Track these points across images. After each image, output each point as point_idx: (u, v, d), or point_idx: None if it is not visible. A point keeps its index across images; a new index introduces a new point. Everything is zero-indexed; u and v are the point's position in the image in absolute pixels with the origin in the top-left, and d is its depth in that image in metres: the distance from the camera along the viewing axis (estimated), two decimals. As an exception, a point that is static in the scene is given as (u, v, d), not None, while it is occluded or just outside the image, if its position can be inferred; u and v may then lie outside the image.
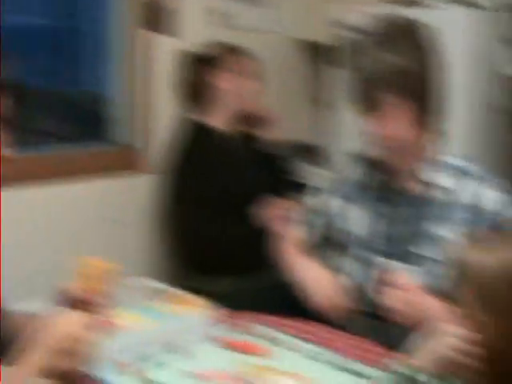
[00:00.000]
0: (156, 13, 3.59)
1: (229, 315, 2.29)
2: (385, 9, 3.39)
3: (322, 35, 4.00)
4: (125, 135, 3.61)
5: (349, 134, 3.50)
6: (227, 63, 3.42)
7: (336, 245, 2.29)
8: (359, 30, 2.19)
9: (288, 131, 3.98)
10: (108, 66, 3.64)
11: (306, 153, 3.91)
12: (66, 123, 3.79)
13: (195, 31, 3.70)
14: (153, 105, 3.61)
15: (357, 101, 2.12)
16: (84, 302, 1.70)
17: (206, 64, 3.45)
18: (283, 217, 2.53)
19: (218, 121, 3.42)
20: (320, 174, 3.49)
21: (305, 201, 2.43)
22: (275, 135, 3.60)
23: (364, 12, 3.00)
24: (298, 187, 3.41)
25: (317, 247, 2.38)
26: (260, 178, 3.47)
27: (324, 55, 4.04)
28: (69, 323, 1.59)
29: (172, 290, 2.29)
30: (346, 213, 2.30)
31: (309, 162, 3.77)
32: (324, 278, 2.24)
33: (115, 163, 3.53)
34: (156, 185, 3.49)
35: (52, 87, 3.74)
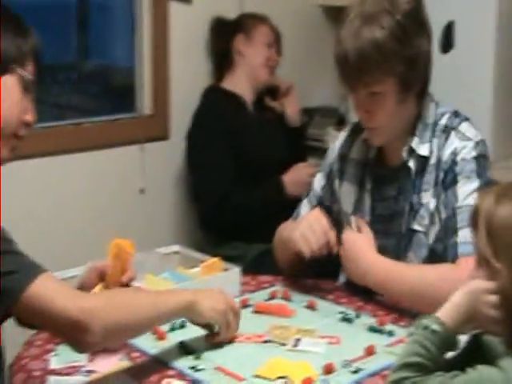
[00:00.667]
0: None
1: (259, 279, 2.32)
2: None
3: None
4: (148, 105, 3.62)
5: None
6: (252, 31, 3.46)
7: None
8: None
9: (312, 97, 4.00)
10: (130, 38, 3.65)
11: (329, 117, 3.91)
12: (91, 95, 3.83)
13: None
14: (174, 73, 3.63)
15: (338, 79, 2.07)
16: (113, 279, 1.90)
17: (232, 30, 3.50)
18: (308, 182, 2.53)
19: (240, 88, 3.47)
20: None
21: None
22: (294, 105, 3.63)
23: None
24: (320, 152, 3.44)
25: None
26: (281, 145, 3.51)
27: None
28: None
29: (203, 257, 2.31)
30: (337, 188, 2.28)
31: (332, 127, 3.76)
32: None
33: (141, 133, 3.55)
34: (182, 153, 3.52)
35: (75, 61, 3.77)
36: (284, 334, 1.91)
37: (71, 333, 1.58)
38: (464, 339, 1.59)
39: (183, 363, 1.78)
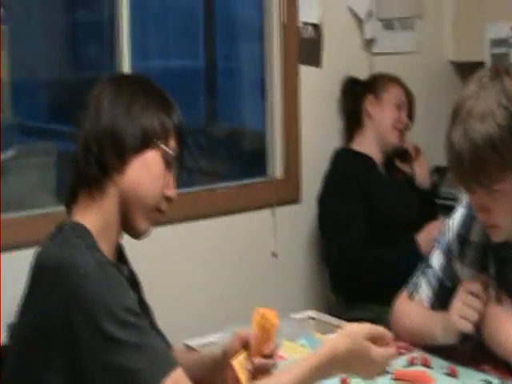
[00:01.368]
0: (309, 47, 3.63)
1: (396, 344, 2.27)
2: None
3: (479, 54, 3.89)
4: (279, 168, 3.66)
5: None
6: (381, 91, 3.46)
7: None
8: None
9: (444, 155, 3.94)
10: (259, 102, 3.71)
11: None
12: (221, 160, 3.90)
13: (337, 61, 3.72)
14: (305, 136, 3.66)
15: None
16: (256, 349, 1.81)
17: (362, 90, 3.52)
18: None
19: (370, 149, 3.46)
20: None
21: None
22: (423, 167, 3.60)
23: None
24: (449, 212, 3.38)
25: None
26: (413, 205, 3.47)
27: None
28: None
29: (337, 322, 2.29)
30: (459, 271, 2.17)
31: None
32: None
33: (272, 196, 3.58)
34: (314, 216, 3.52)
35: (204, 125, 3.86)
36: (425, 403, 1.87)
37: None
38: None
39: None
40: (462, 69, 4.05)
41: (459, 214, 2.22)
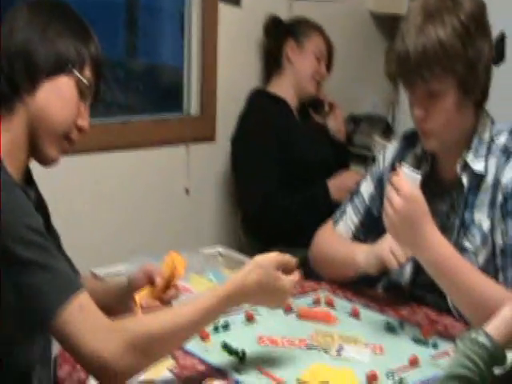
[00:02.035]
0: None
1: (302, 284, 2.32)
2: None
3: (398, 7, 3.91)
4: (195, 105, 3.65)
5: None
6: (304, 39, 3.46)
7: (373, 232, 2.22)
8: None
9: (359, 104, 4.00)
10: (179, 38, 3.68)
11: (376, 126, 3.90)
12: (138, 94, 3.85)
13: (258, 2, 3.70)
14: (222, 75, 3.65)
15: (396, 79, 2.07)
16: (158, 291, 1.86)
17: (284, 32, 3.50)
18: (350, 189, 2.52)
19: (285, 93, 3.47)
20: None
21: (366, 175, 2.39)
22: (338, 123, 3.64)
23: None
24: (366, 160, 3.44)
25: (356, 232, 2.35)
26: (327, 150, 3.51)
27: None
28: None
29: (246, 259, 2.32)
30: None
31: (379, 135, 3.76)
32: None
33: (187, 133, 3.56)
34: (227, 155, 3.53)
35: (126, 60, 3.80)
36: (327, 341, 1.91)
37: (94, 376, 1.58)
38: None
39: (226, 364, 1.78)
40: (382, 21, 4.08)
41: (392, 147, 2.31)
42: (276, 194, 3.25)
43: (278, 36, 3.52)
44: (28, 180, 1.74)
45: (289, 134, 3.35)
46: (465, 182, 2.07)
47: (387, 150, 2.32)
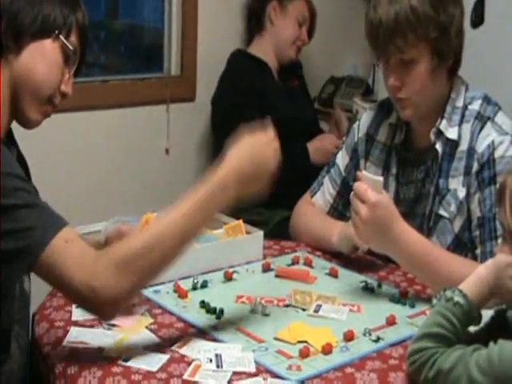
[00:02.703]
0: None
1: (282, 244, 2.33)
2: None
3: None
4: (176, 65, 3.62)
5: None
6: (287, 2, 3.43)
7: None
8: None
9: (339, 66, 3.99)
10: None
11: (356, 87, 3.89)
12: (119, 54, 3.83)
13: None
14: (203, 35, 3.62)
15: (370, 47, 2.05)
16: None
17: None
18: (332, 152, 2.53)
19: (266, 55, 3.45)
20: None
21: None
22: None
23: None
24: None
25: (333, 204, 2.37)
26: (307, 112, 3.50)
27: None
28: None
29: (226, 219, 2.32)
30: (362, 168, 2.24)
31: (359, 97, 3.75)
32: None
33: (167, 93, 3.53)
34: (208, 115, 3.52)
35: (107, 20, 3.77)
36: (305, 300, 1.92)
37: (82, 306, 1.60)
38: (488, 315, 1.59)
39: (204, 322, 1.79)
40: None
41: (368, 116, 2.31)
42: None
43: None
44: (10, 140, 1.74)
45: (268, 95, 3.33)
46: (439, 150, 2.08)
47: (361, 121, 2.33)
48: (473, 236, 2.03)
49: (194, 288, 1.97)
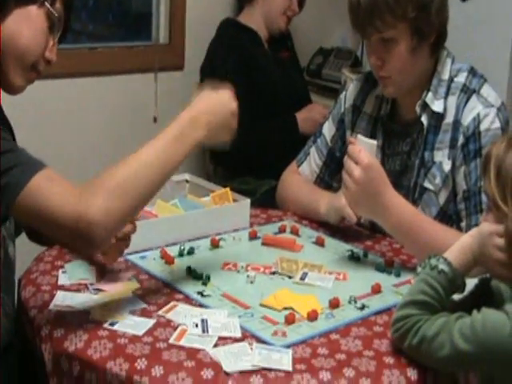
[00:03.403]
0: None
1: (269, 213, 2.33)
2: None
3: None
4: (164, 33, 3.61)
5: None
6: None
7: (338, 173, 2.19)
8: None
9: (328, 38, 3.97)
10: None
11: (345, 59, 3.88)
12: (109, 23, 3.80)
13: None
14: (192, 2, 3.59)
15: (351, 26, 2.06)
16: None
17: None
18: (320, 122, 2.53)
19: (256, 25, 3.43)
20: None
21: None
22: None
23: None
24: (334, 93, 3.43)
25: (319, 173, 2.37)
26: (297, 82, 3.49)
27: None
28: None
29: (213, 187, 2.32)
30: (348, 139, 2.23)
31: (348, 68, 3.74)
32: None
33: (156, 61, 3.51)
34: (196, 83, 3.51)
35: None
36: (291, 267, 1.93)
37: (72, 239, 1.53)
38: (472, 283, 1.61)
39: (190, 288, 1.79)
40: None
41: (353, 87, 2.30)
42: (242, 120, 3.21)
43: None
44: None
45: (258, 64, 3.32)
46: (424, 123, 2.08)
47: (348, 91, 2.33)
48: (458, 209, 2.04)
49: (181, 254, 1.97)
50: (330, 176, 2.33)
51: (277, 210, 2.36)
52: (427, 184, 2.09)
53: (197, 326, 1.60)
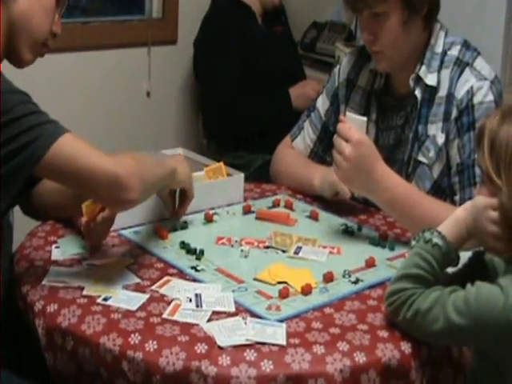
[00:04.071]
0: None
1: (263, 187, 2.33)
2: None
3: None
4: (158, 7, 3.59)
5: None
6: None
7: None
8: None
9: (322, 12, 3.95)
10: None
11: (339, 33, 3.86)
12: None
13: None
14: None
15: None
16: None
17: None
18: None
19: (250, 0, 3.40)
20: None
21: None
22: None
23: None
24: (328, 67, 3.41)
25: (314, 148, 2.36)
26: (291, 58, 3.48)
27: None
28: None
29: (206, 161, 2.31)
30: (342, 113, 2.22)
31: (341, 42, 3.72)
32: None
33: (149, 36, 3.50)
34: (190, 59, 3.49)
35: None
36: (285, 241, 1.93)
37: (108, 189, 1.58)
38: (466, 256, 1.61)
39: (184, 263, 1.79)
40: None
41: (348, 61, 2.29)
42: (235, 94, 3.21)
43: None
44: None
45: (251, 38, 3.30)
46: (418, 96, 2.07)
47: (342, 65, 2.31)
48: (452, 182, 2.03)
49: (174, 229, 1.97)
50: (324, 150, 2.32)
51: (271, 185, 2.35)
52: (421, 157, 2.08)
53: (190, 301, 1.60)
